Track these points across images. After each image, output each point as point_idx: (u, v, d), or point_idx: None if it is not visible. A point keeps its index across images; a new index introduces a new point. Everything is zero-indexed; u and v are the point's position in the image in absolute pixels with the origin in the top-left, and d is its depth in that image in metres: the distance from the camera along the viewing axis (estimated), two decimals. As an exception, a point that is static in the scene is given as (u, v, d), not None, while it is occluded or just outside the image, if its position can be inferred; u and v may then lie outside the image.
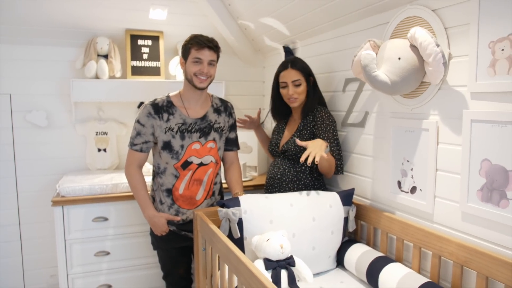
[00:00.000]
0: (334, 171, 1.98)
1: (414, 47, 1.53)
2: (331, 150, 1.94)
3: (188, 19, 2.73)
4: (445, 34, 1.49)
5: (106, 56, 2.66)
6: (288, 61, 2.08)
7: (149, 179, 2.11)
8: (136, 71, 2.75)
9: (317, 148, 1.73)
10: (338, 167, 1.98)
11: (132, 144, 1.95)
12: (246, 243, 1.74)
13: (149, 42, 2.78)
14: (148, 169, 2.46)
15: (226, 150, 2.13)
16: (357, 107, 2.04)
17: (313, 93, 2.07)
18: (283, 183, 2.06)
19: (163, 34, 2.81)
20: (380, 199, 1.90)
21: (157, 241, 2.05)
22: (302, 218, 1.79)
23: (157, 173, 2.00)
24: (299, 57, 2.23)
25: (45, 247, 2.76)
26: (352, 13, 1.93)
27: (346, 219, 1.88)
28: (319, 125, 2.01)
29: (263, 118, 2.73)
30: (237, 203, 1.77)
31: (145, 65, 2.78)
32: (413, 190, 1.68)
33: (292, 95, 2.03)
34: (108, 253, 2.36)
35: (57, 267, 2.31)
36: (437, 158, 1.56)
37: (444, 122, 1.53)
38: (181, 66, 1.96)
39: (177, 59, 2.83)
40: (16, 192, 2.69)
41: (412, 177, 1.68)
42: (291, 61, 2.07)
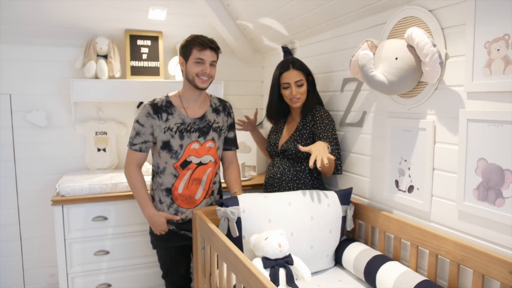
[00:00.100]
0: (333, 171, 2.00)
1: (411, 47, 1.54)
2: (331, 150, 1.95)
3: (187, 19, 2.74)
4: (442, 34, 1.50)
5: (105, 56, 2.67)
6: (288, 61, 2.07)
7: (148, 179, 2.12)
8: (136, 71, 2.76)
9: (321, 151, 1.77)
10: (337, 166, 1.99)
11: (132, 144, 1.96)
12: (244, 242, 1.75)
13: (148, 42, 2.79)
14: (148, 168, 2.47)
15: (225, 149, 2.14)
16: (355, 107, 2.05)
17: (312, 93, 2.09)
18: (282, 182, 2.07)
19: (162, 34, 2.82)
20: (378, 198, 1.91)
21: (156, 240, 2.06)
22: (301, 217, 1.80)
23: (157, 172, 2.01)
24: (296, 57, 2.23)
25: (45, 246, 2.77)
26: (350, 14, 1.94)
27: (344, 218, 1.90)
28: (319, 125, 2.01)
29: (261, 119, 2.73)
30: (235, 202, 1.78)
31: (144, 65, 2.79)
32: (410, 189, 1.69)
33: (295, 95, 2.03)
34: (107, 252, 2.37)
35: (57, 266, 2.33)
36: (434, 157, 1.57)
37: (441, 122, 1.54)
38: (181, 66, 1.96)
39: (176, 59, 2.84)
40: (16, 192, 2.69)
41: (410, 176, 1.69)
42: (291, 61, 2.06)
